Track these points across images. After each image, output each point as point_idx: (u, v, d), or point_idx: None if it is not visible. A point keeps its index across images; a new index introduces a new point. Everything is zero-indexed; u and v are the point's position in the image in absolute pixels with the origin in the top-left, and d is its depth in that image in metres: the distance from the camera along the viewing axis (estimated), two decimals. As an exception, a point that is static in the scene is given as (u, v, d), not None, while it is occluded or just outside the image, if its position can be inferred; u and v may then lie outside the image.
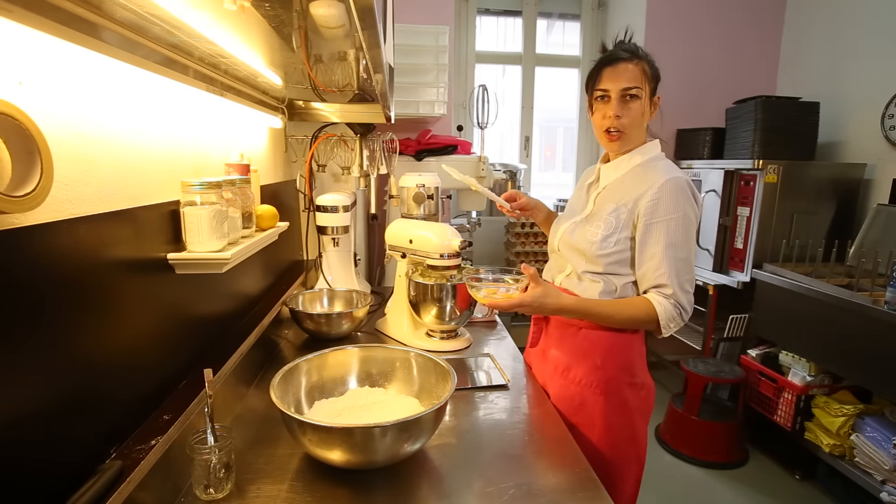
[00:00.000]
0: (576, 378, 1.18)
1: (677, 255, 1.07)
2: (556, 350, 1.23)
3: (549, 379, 1.23)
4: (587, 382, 1.16)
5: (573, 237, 1.19)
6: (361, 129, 1.75)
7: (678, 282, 1.08)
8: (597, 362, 1.15)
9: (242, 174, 1.09)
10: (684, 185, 1.09)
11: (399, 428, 0.80)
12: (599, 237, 1.13)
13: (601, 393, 1.15)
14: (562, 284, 1.21)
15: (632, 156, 1.17)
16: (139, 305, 0.78)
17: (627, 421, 1.16)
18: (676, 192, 1.07)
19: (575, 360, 1.18)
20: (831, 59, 2.78)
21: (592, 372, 1.16)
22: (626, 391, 1.16)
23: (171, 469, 0.76)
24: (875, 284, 2.05)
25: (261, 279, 1.45)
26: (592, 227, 1.15)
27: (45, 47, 0.58)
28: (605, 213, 1.14)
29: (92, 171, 0.66)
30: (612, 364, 1.15)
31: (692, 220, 1.09)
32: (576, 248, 1.17)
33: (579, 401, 1.17)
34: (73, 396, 0.62)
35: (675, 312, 1.08)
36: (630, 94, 1.11)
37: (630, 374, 1.17)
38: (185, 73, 0.89)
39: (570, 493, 0.84)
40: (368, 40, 0.74)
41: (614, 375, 1.15)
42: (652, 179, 1.10)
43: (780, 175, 2.48)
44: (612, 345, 1.16)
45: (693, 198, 1.10)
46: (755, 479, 2.35)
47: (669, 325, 1.09)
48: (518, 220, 2.71)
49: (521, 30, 3.27)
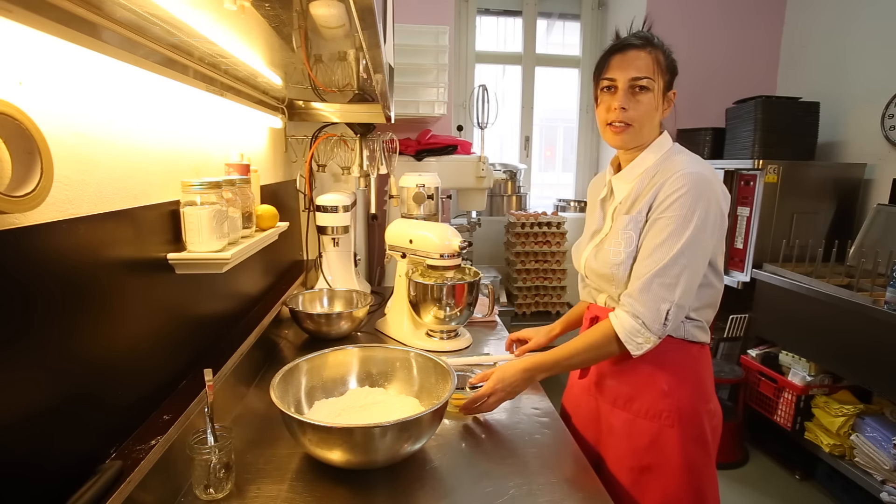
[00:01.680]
0: (641, 410, 1.01)
1: (664, 258, 0.93)
2: (613, 380, 1.06)
3: (609, 413, 1.07)
4: (655, 413, 1.00)
5: (597, 262, 1.06)
6: (361, 129, 1.75)
7: (652, 290, 0.93)
8: (663, 388, 0.99)
9: (242, 174, 1.09)
10: (700, 179, 0.93)
11: (399, 428, 0.80)
12: (622, 257, 0.99)
13: (674, 424, 0.98)
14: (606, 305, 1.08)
15: (643, 157, 1.03)
16: (139, 305, 0.78)
17: (706, 457, 1.00)
18: (688, 186, 0.93)
19: (637, 389, 1.02)
20: (831, 59, 2.78)
21: (660, 400, 0.99)
22: (703, 419, 1.00)
23: (171, 469, 0.76)
24: (875, 284, 2.04)
25: (261, 279, 1.45)
26: (612, 248, 1.02)
27: (45, 47, 0.58)
28: (621, 227, 1.01)
29: (92, 171, 0.66)
30: (682, 387, 0.99)
31: (708, 220, 0.93)
32: (601, 275, 1.05)
33: (649, 437, 1.00)
34: (73, 396, 0.62)
35: (637, 326, 0.93)
36: (640, 86, 0.98)
37: (704, 397, 1.01)
38: (185, 73, 0.89)
39: (570, 493, 0.84)
40: (368, 40, 0.74)
41: (687, 400, 0.99)
42: (665, 174, 0.97)
43: (780, 175, 2.48)
44: (678, 363, 1.00)
45: (709, 195, 0.94)
46: (755, 479, 2.35)
47: (636, 340, 0.94)
48: (518, 221, 2.71)
49: (521, 30, 3.27)
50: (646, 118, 1.00)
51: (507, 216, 2.85)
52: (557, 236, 2.73)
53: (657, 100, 1.00)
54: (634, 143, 1.03)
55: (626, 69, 0.98)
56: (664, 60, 1.00)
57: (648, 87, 0.98)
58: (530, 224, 2.70)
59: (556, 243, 2.72)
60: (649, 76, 0.98)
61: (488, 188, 2.49)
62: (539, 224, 2.71)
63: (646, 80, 0.98)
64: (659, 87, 0.99)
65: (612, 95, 1.01)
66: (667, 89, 1.01)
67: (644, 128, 1.01)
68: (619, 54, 1.00)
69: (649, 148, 1.03)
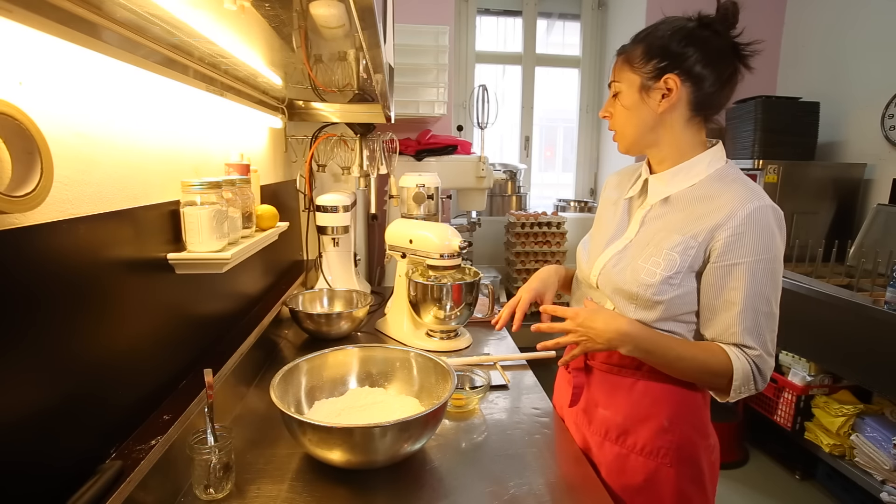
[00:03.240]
0: (636, 445, 0.93)
1: (762, 307, 0.85)
2: (606, 410, 0.97)
3: (598, 447, 0.98)
4: (652, 450, 0.92)
5: (619, 273, 0.92)
6: (361, 129, 1.75)
7: (761, 341, 0.85)
8: (663, 423, 0.91)
9: (242, 174, 1.09)
10: (773, 215, 0.85)
11: (399, 428, 0.80)
12: (658, 278, 0.87)
13: (672, 463, 0.91)
14: None
15: (694, 164, 0.91)
16: (139, 305, 0.78)
17: (703, 496, 0.93)
18: (766, 224, 0.84)
19: (633, 423, 0.93)
20: (831, 58, 2.78)
21: (658, 436, 0.91)
22: (702, 456, 0.93)
23: (171, 469, 0.76)
24: (875, 284, 2.04)
25: (261, 279, 1.45)
26: (647, 264, 0.89)
27: (45, 47, 0.58)
28: (667, 246, 0.88)
29: (92, 171, 0.66)
30: (683, 423, 0.91)
31: (781, 262, 0.86)
32: (621, 290, 0.91)
33: (643, 475, 0.92)
34: (73, 396, 0.62)
35: (751, 377, 0.85)
36: (614, 92, 0.94)
37: (704, 432, 0.94)
38: (185, 73, 0.89)
39: (570, 493, 0.84)
40: (368, 40, 0.74)
41: (687, 438, 0.91)
42: (731, 205, 0.84)
43: (780, 175, 2.48)
44: (682, 399, 0.92)
45: (783, 231, 0.86)
46: (755, 479, 2.35)
47: (741, 390, 0.85)
48: (518, 221, 2.71)
49: (521, 30, 3.27)
50: (625, 122, 0.93)
51: (507, 216, 2.85)
52: (557, 236, 2.72)
53: (632, 98, 0.90)
54: (635, 150, 0.95)
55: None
56: (642, 52, 0.89)
57: (617, 90, 0.93)
58: (530, 224, 2.70)
59: (557, 243, 2.72)
60: (615, 79, 0.93)
61: (488, 188, 2.48)
62: (539, 224, 2.71)
63: (614, 85, 0.93)
64: (633, 82, 0.90)
65: None
66: (655, 78, 0.88)
67: (627, 131, 0.93)
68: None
69: (702, 156, 0.92)
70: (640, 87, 0.90)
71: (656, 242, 0.90)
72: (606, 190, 1.09)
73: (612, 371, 0.96)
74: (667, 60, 0.87)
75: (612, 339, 0.87)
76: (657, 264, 0.88)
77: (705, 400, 0.96)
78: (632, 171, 1.05)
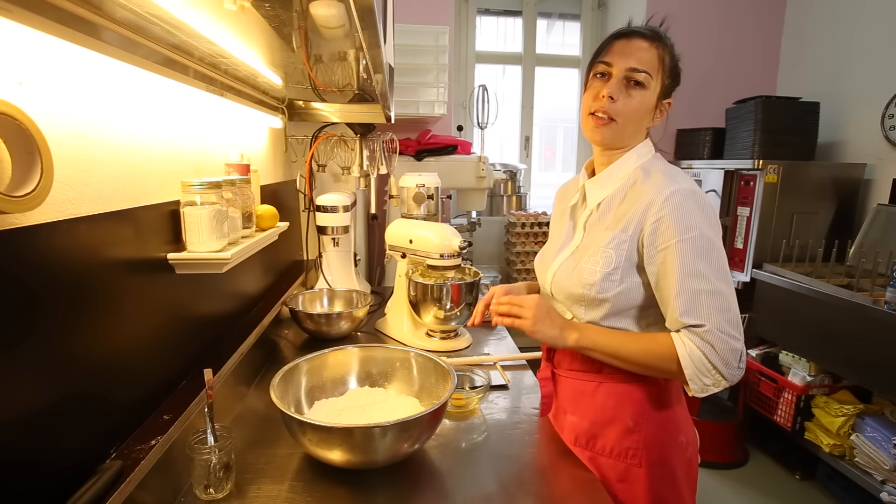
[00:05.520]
0: (605, 448, 0.93)
1: (699, 286, 0.81)
2: (574, 416, 0.98)
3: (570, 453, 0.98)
4: (621, 452, 0.92)
5: (566, 278, 0.94)
6: (361, 129, 1.75)
7: (706, 319, 0.80)
8: (628, 424, 0.91)
9: (242, 174, 1.09)
10: (691, 196, 0.84)
11: (399, 428, 0.80)
12: (598, 276, 0.88)
13: (642, 463, 0.90)
14: None
15: (623, 162, 0.93)
16: (139, 305, 0.78)
17: (676, 495, 0.92)
18: (684, 206, 0.83)
19: (600, 426, 0.94)
20: (831, 58, 2.78)
21: (625, 437, 0.91)
22: (673, 455, 0.92)
23: (171, 469, 0.76)
24: (875, 284, 2.04)
25: (261, 279, 1.45)
26: (588, 265, 0.90)
27: (45, 47, 0.58)
28: (602, 244, 0.90)
29: (92, 171, 0.66)
30: (648, 422, 0.91)
31: (712, 239, 0.83)
32: (571, 294, 0.93)
33: (615, 477, 0.93)
34: (73, 396, 0.62)
35: (705, 361, 0.80)
36: (636, 80, 0.87)
37: (673, 429, 0.93)
38: (185, 73, 0.89)
39: (570, 493, 0.84)
40: (368, 40, 0.74)
41: (655, 437, 0.91)
42: (650, 194, 0.86)
43: (780, 175, 2.48)
44: (645, 398, 0.92)
45: (705, 211, 0.85)
46: (755, 479, 2.35)
47: (703, 379, 0.81)
48: (518, 221, 2.71)
49: (521, 30, 3.27)
50: (633, 117, 0.89)
51: (508, 216, 2.85)
52: (557, 236, 2.73)
53: (651, 101, 0.89)
54: (614, 143, 0.92)
55: (626, 57, 0.87)
56: (669, 62, 0.89)
57: (645, 83, 0.87)
58: (530, 224, 2.70)
59: (556, 243, 2.72)
60: (648, 71, 0.87)
61: (488, 188, 2.49)
62: (539, 224, 2.71)
63: (643, 76, 0.87)
64: (657, 87, 0.89)
65: (603, 83, 0.89)
66: (664, 96, 0.91)
67: (628, 127, 0.90)
68: (623, 40, 0.89)
69: (630, 153, 0.92)
70: (660, 95, 0.91)
71: (596, 243, 0.92)
72: (557, 202, 1.11)
73: (576, 377, 0.97)
74: (673, 82, 0.92)
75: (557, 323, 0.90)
76: (596, 263, 0.90)
77: (674, 398, 0.95)
78: (575, 181, 1.07)
